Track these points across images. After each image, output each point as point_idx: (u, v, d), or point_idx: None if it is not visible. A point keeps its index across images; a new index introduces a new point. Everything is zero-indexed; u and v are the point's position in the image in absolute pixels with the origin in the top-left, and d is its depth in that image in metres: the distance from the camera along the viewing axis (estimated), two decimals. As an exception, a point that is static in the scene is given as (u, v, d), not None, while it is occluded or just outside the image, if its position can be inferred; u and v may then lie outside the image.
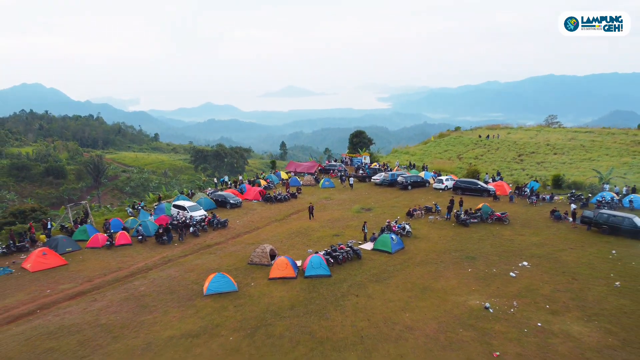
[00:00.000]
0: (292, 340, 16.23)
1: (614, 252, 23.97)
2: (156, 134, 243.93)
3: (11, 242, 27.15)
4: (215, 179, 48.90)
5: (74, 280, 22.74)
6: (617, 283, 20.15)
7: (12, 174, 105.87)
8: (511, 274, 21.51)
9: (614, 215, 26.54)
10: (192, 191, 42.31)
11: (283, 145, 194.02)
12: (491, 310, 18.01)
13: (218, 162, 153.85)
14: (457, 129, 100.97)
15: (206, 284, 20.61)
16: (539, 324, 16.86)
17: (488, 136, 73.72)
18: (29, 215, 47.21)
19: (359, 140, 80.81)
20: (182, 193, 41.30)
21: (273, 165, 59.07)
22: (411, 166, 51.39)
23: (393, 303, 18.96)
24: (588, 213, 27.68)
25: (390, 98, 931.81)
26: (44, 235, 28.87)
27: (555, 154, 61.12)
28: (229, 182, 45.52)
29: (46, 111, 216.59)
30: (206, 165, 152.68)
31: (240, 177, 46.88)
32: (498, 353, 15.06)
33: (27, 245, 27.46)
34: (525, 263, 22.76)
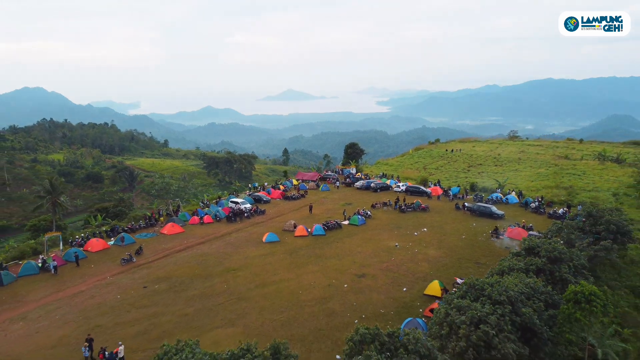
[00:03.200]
0: (308, 256, 39.03)
1: (474, 224, 46.88)
2: (165, 140, 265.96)
3: (147, 220, 49.97)
4: (249, 185, 71.86)
5: (194, 238, 45.53)
6: (463, 236, 43.03)
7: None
8: (415, 233, 44.38)
9: (482, 206, 49.46)
10: (235, 193, 65.24)
11: (285, 151, 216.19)
12: (398, 247, 40.80)
13: (228, 168, 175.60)
14: (437, 140, 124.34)
15: (264, 237, 43.40)
16: (416, 250, 39.69)
17: (452, 150, 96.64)
18: (111, 210, 70.09)
19: (352, 151, 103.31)
20: (232, 194, 64.24)
21: (285, 174, 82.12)
22: (384, 176, 74.11)
23: (354, 244, 41.77)
24: (469, 205, 50.60)
25: (389, 102, 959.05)
26: (162, 217, 51.63)
27: (496, 165, 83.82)
28: (259, 187, 68.35)
29: (65, 119, 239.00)
30: (217, 170, 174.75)
31: (265, 184, 70.07)
32: (393, 258, 37.86)
33: (154, 222, 50.23)
34: (425, 229, 45.61)
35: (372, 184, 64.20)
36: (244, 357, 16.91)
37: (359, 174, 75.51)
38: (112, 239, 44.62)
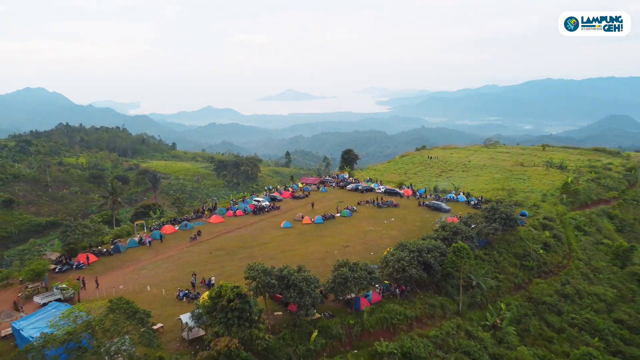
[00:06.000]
0: (312, 236, 61.02)
1: (427, 216, 68.66)
2: (173, 143, 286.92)
3: (195, 213, 71.73)
4: (266, 187, 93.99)
5: (233, 225, 67.28)
6: (417, 224, 64.87)
7: (91, 181, 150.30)
8: (385, 221, 66.22)
9: (436, 203, 71.29)
10: (255, 194, 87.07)
11: (287, 154, 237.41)
12: (372, 230, 62.65)
13: (235, 170, 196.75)
14: (423, 146, 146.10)
15: (281, 224, 65.26)
16: (383, 232, 61.63)
17: (431, 157, 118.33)
18: (151, 208, 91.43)
19: (348, 156, 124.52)
20: (252, 194, 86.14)
21: (292, 179, 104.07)
22: (370, 180, 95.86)
23: (343, 229, 63.67)
24: (428, 202, 72.45)
25: (389, 102, 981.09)
26: (206, 212, 73.32)
27: (463, 171, 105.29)
28: (273, 189, 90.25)
29: (80, 124, 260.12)
30: (225, 172, 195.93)
31: (278, 186, 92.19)
32: (368, 236, 59.69)
33: (201, 214, 71.98)
34: (392, 219, 67.42)
35: (359, 187, 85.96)
36: (285, 269, 38.63)
37: (351, 178, 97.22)
38: (177, 225, 66.23)
